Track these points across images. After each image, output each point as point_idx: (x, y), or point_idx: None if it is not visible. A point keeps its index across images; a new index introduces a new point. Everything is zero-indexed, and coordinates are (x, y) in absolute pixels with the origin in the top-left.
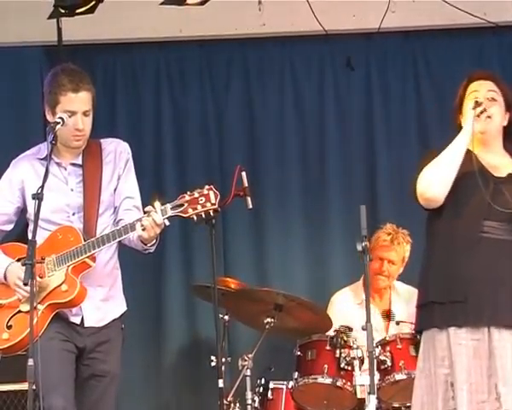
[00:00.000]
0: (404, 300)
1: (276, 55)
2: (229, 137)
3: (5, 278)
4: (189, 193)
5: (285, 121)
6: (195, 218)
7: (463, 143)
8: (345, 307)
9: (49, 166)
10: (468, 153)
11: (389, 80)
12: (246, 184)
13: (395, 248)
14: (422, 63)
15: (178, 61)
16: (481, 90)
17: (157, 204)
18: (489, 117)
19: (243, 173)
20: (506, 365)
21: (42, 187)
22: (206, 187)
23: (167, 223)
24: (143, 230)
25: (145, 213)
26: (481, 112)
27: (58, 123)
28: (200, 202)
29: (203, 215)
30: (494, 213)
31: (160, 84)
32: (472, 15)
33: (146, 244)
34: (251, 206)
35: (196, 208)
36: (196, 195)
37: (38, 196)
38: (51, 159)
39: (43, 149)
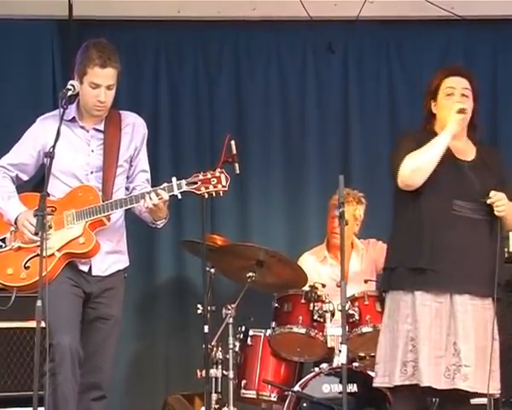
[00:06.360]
0: (358, 253)
1: (264, 37)
2: (220, 110)
3: (16, 222)
4: (202, 173)
5: (270, 97)
6: (206, 196)
7: (446, 142)
8: (311, 267)
9: (60, 127)
10: None
11: (364, 63)
12: (234, 151)
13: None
14: (395, 50)
15: (176, 38)
16: (457, 87)
17: (174, 179)
18: (466, 114)
19: (232, 142)
20: (467, 326)
21: (53, 147)
22: (218, 170)
23: (180, 196)
24: (153, 203)
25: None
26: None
27: (69, 89)
28: (213, 182)
29: (213, 194)
30: (462, 194)
31: (158, 58)
32: (441, 8)
33: (156, 221)
34: (238, 171)
35: (208, 188)
36: (209, 176)
37: (50, 155)
38: (76, 122)
39: (68, 111)
